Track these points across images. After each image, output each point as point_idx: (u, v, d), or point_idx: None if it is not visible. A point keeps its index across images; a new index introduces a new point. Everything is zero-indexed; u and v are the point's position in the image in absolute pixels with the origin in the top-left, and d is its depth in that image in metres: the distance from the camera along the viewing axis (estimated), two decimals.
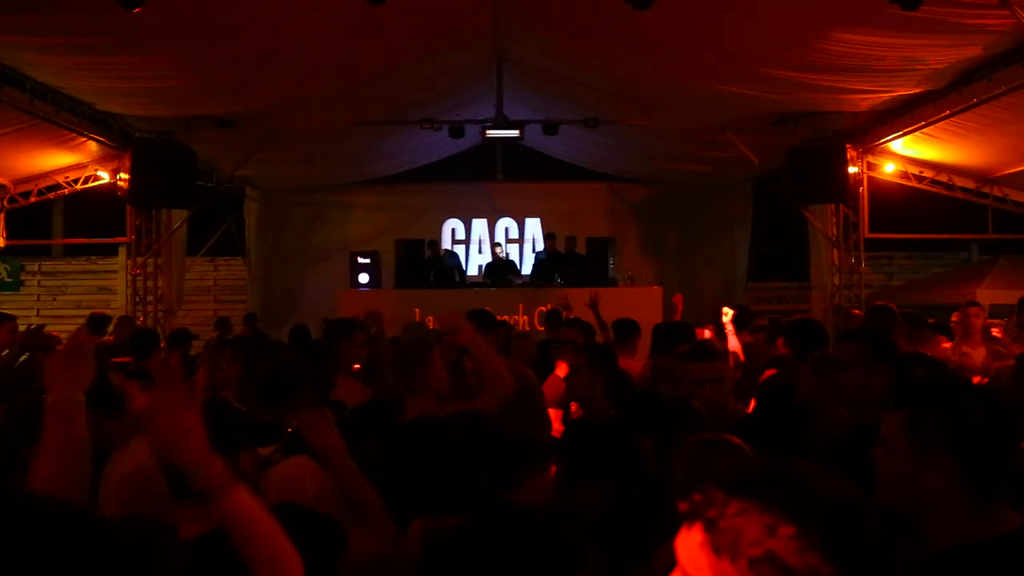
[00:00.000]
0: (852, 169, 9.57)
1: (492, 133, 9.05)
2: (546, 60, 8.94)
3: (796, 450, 2.59)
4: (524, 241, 13.06)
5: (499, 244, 12.34)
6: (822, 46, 6.35)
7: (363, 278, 10.63)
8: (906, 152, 9.63)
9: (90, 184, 9.93)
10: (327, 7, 6.38)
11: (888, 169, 10.10)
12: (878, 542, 0.82)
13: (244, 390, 2.68)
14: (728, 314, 5.55)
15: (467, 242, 13.10)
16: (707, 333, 6.12)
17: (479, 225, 13.15)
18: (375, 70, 8.19)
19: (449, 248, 12.64)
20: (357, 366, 4.08)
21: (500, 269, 11.30)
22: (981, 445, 1.42)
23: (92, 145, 9.06)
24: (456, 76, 9.30)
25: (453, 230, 12.99)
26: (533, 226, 13.02)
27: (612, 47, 7.69)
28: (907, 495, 1.45)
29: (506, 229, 13.18)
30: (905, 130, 8.44)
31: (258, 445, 2.02)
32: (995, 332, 5.97)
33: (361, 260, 10.68)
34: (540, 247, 11.31)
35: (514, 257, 12.46)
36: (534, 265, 11.66)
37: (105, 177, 9.76)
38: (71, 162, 9.58)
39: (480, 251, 12.97)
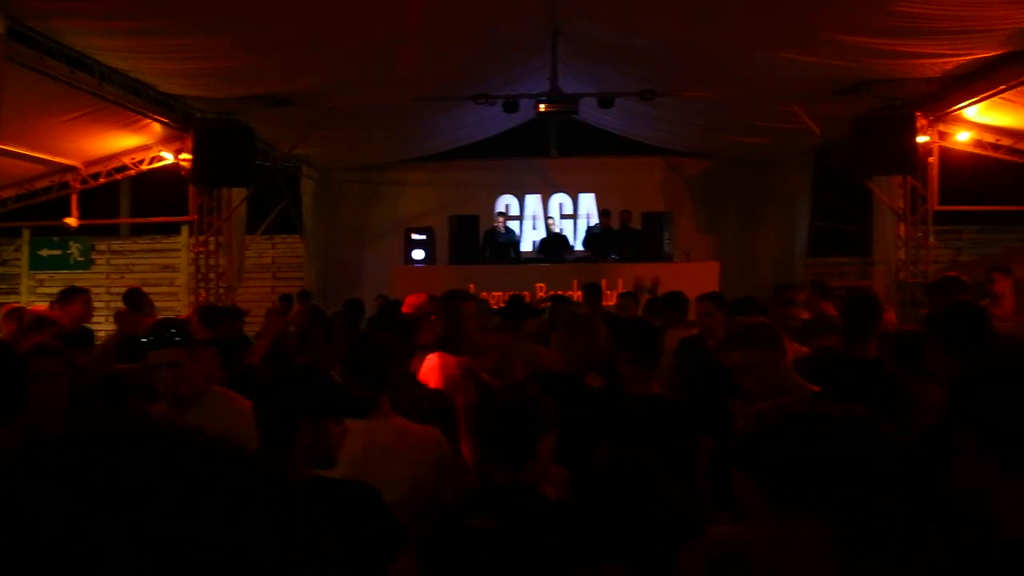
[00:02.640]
0: (922, 139, 9.19)
1: (546, 107, 8.95)
2: (601, 31, 8.76)
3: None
4: (578, 217, 12.95)
5: (552, 219, 12.27)
6: (896, 8, 6.07)
7: (417, 254, 10.69)
8: (981, 119, 9.19)
9: (154, 165, 10.18)
10: None
11: (961, 138, 9.66)
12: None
13: (343, 371, 2.76)
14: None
15: (520, 218, 13.06)
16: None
17: (533, 201, 13.09)
18: (428, 46, 8.16)
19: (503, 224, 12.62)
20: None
21: (554, 245, 11.23)
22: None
23: (156, 126, 9.27)
24: (510, 50, 9.20)
25: (507, 206, 12.96)
26: (587, 201, 12.90)
27: (670, 15, 7.50)
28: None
29: (560, 205, 13.08)
30: (982, 96, 8.03)
31: (347, 416, 2.09)
32: None
33: (415, 236, 10.75)
34: (595, 222, 11.22)
35: (568, 233, 12.36)
36: (585, 240, 11.55)
37: (168, 158, 9.99)
38: (136, 144, 9.82)
39: (534, 227, 12.92)
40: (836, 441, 1.12)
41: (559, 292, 8.46)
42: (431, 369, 3.76)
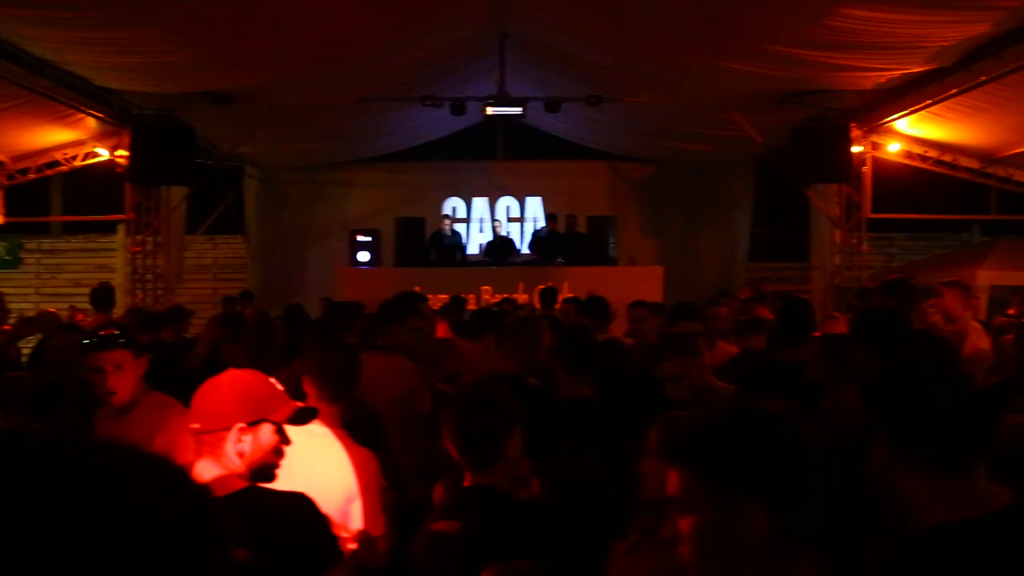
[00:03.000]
0: (856, 148, 9.52)
1: (493, 110, 8.98)
2: (548, 36, 8.84)
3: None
4: (525, 220, 13.01)
5: (499, 222, 12.31)
6: (831, 23, 6.27)
7: (363, 256, 10.60)
8: (911, 131, 9.56)
9: (88, 161, 9.85)
10: None
11: (892, 149, 10.03)
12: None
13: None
14: None
15: (467, 220, 13.06)
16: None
17: (480, 203, 13.10)
18: (376, 46, 8.10)
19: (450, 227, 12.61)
20: None
21: (500, 248, 11.26)
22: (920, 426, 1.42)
23: (90, 121, 8.96)
24: (458, 52, 9.20)
25: (454, 208, 12.94)
26: (534, 204, 12.96)
27: (616, 22, 7.60)
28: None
29: (507, 208, 13.12)
30: (911, 109, 8.37)
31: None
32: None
33: (361, 238, 10.65)
34: (541, 226, 11.29)
35: (514, 236, 12.41)
36: (531, 243, 11.60)
37: (104, 154, 9.68)
38: (69, 139, 9.49)
39: (481, 230, 12.93)
40: (773, 433, 1.17)
41: (507, 296, 8.49)
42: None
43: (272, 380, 2.07)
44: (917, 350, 2.66)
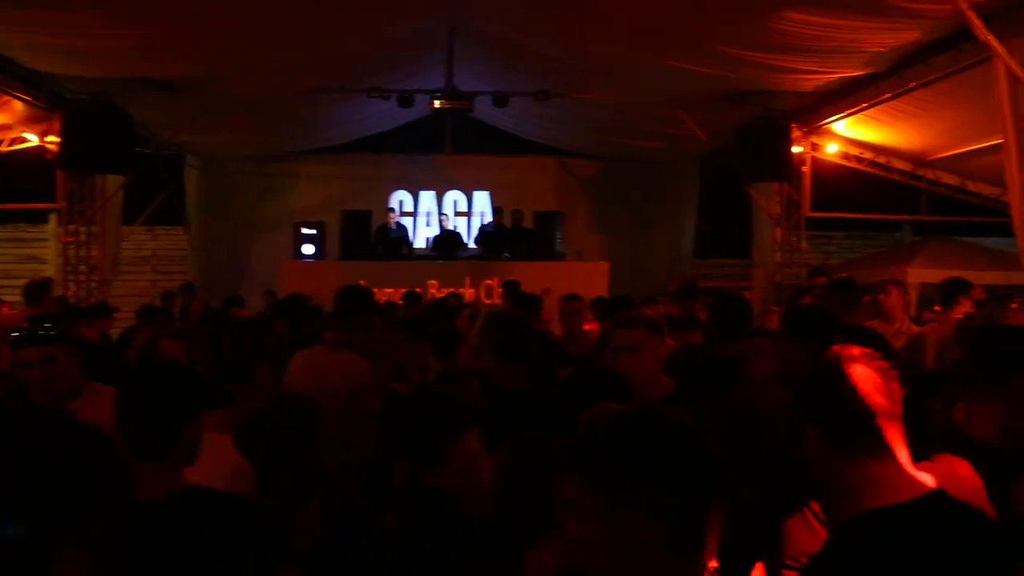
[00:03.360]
0: (796, 149, 9.77)
1: (441, 103, 8.94)
2: (498, 30, 8.83)
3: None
4: (472, 214, 12.99)
5: (446, 216, 12.27)
6: (774, 25, 6.42)
7: (307, 249, 10.46)
8: (848, 133, 9.87)
9: (16, 147, 9.44)
10: None
11: (831, 150, 10.33)
12: None
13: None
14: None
15: (414, 214, 12.98)
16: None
17: (427, 197, 13.03)
18: (323, 36, 7.97)
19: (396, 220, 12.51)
20: None
21: (447, 242, 11.22)
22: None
23: (17, 105, 8.58)
24: (407, 45, 9.11)
25: (401, 202, 12.84)
26: (482, 199, 12.95)
27: (565, 18, 7.64)
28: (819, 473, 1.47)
29: (455, 202, 13.08)
30: (847, 111, 8.64)
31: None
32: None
33: (305, 231, 10.51)
34: (489, 220, 11.29)
35: (462, 230, 12.38)
36: (478, 238, 11.59)
37: (33, 139, 9.29)
38: None
39: (428, 224, 12.87)
40: (663, 440, 1.16)
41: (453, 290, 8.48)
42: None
43: None
44: (848, 343, 2.75)
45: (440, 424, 2.05)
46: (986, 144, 8.08)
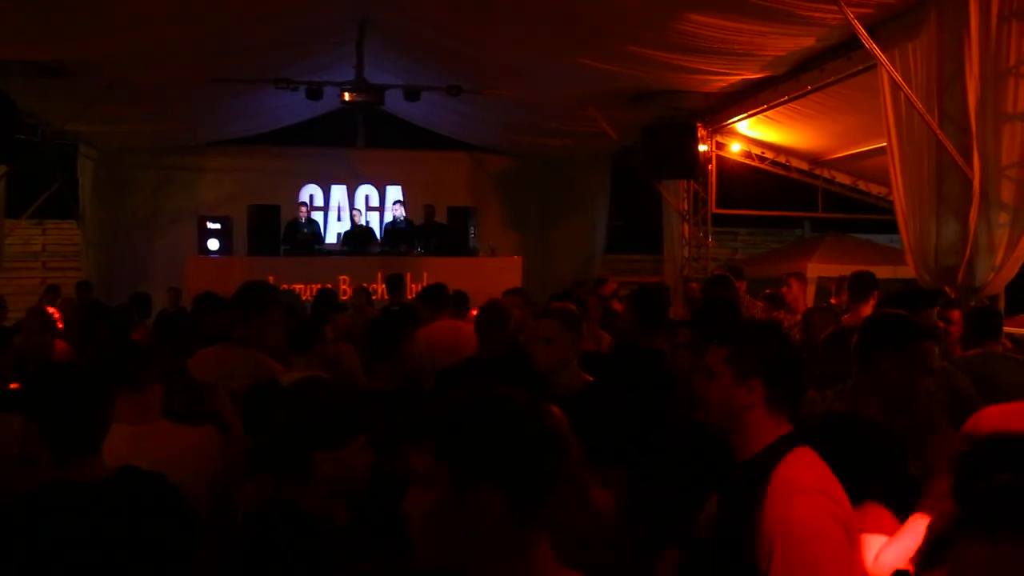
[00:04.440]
0: (702, 147, 10.08)
1: (351, 96, 8.79)
2: (408, 24, 8.75)
3: None
4: (384, 209, 12.85)
5: (357, 210, 12.08)
6: (678, 27, 6.60)
7: (213, 244, 10.11)
8: (750, 133, 10.26)
9: None
10: None
11: (734, 149, 10.72)
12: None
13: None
14: None
15: (325, 209, 12.73)
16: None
17: (338, 191, 12.80)
18: (228, 23, 7.70)
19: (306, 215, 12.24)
20: None
21: (359, 237, 11.06)
22: (783, 370, 1.83)
23: None
24: (316, 35, 8.92)
25: (312, 196, 12.57)
26: (394, 193, 12.82)
27: (476, 15, 7.64)
28: (725, 413, 1.81)
29: (366, 197, 12.91)
30: (749, 112, 8.97)
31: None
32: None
33: (211, 225, 10.15)
34: (401, 215, 11.18)
35: (374, 225, 12.23)
36: (384, 234, 11.43)
37: None
38: None
39: (339, 219, 12.65)
40: (510, 417, 1.18)
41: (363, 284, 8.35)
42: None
43: None
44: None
45: (300, 435, 1.87)
46: (875, 146, 8.57)
